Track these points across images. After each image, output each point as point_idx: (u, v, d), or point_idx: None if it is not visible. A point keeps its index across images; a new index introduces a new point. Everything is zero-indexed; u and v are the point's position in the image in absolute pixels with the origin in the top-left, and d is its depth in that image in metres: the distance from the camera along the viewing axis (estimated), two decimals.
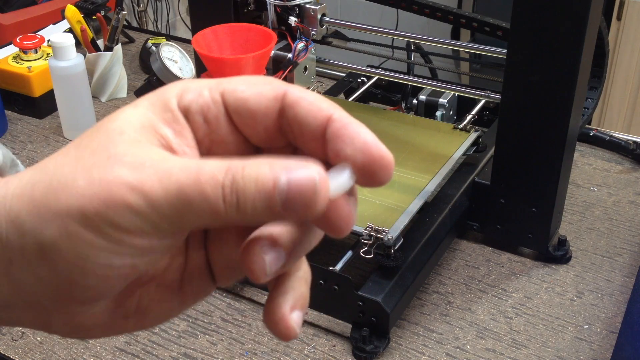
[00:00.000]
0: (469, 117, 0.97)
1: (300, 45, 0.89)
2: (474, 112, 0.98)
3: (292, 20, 0.89)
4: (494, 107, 1.01)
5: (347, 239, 0.82)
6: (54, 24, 1.41)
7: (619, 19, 1.96)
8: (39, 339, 0.79)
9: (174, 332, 0.80)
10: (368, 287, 0.76)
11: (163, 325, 0.80)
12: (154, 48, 1.21)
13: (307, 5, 0.90)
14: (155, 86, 1.19)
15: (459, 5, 2.37)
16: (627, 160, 1.08)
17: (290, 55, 0.88)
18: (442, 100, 1.01)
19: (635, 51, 1.97)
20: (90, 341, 0.78)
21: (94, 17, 1.31)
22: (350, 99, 1.08)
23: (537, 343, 0.78)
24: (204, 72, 0.83)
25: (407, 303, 0.80)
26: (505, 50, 0.79)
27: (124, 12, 1.21)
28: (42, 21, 1.56)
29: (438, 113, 1.01)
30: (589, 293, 0.84)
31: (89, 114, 1.15)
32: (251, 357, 0.76)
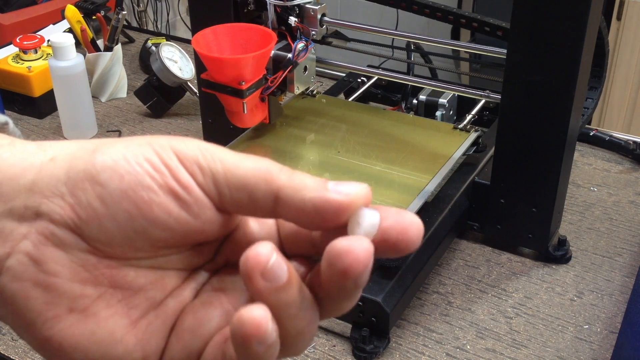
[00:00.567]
0: (469, 117, 0.97)
1: (300, 45, 0.89)
2: (473, 112, 0.98)
3: (292, 20, 0.89)
4: (494, 107, 1.00)
5: None
6: (54, 24, 1.41)
7: (619, 19, 1.96)
8: None
9: None
10: (368, 287, 0.76)
11: None
12: (153, 48, 1.21)
13: (307, 5, 0.90)
14: (155, 86, 1.19)
15: (459, 5, 2.37)
16: (627, 160, 1.08)
17: (290, 55, 0.88)
18: (442, 100, 1.01)
19: (635, 51, 1.97)
20: None
21: (94, 17, 1.31)
22: (350, 99, 1.08)
23: (537, 343, 0.78)
24: (204, 72, 0.82)
25: (407, 303, 0.80)
26: (505, 50, 0.79)
27: (123, 12, 1.21)
28: (42, 21, 1.56)
29: (438, 113, 1.01)
30: (589, 293, 0.84)
31: (89, 114, 1.15)
32: None
